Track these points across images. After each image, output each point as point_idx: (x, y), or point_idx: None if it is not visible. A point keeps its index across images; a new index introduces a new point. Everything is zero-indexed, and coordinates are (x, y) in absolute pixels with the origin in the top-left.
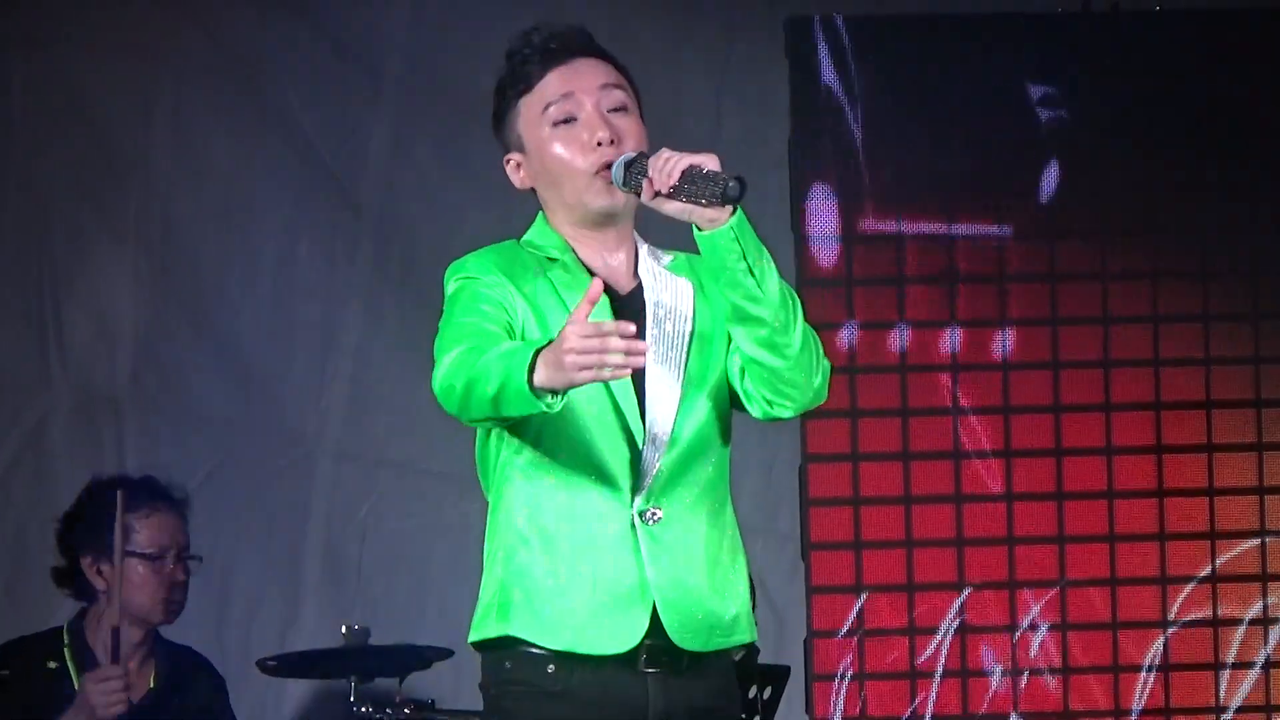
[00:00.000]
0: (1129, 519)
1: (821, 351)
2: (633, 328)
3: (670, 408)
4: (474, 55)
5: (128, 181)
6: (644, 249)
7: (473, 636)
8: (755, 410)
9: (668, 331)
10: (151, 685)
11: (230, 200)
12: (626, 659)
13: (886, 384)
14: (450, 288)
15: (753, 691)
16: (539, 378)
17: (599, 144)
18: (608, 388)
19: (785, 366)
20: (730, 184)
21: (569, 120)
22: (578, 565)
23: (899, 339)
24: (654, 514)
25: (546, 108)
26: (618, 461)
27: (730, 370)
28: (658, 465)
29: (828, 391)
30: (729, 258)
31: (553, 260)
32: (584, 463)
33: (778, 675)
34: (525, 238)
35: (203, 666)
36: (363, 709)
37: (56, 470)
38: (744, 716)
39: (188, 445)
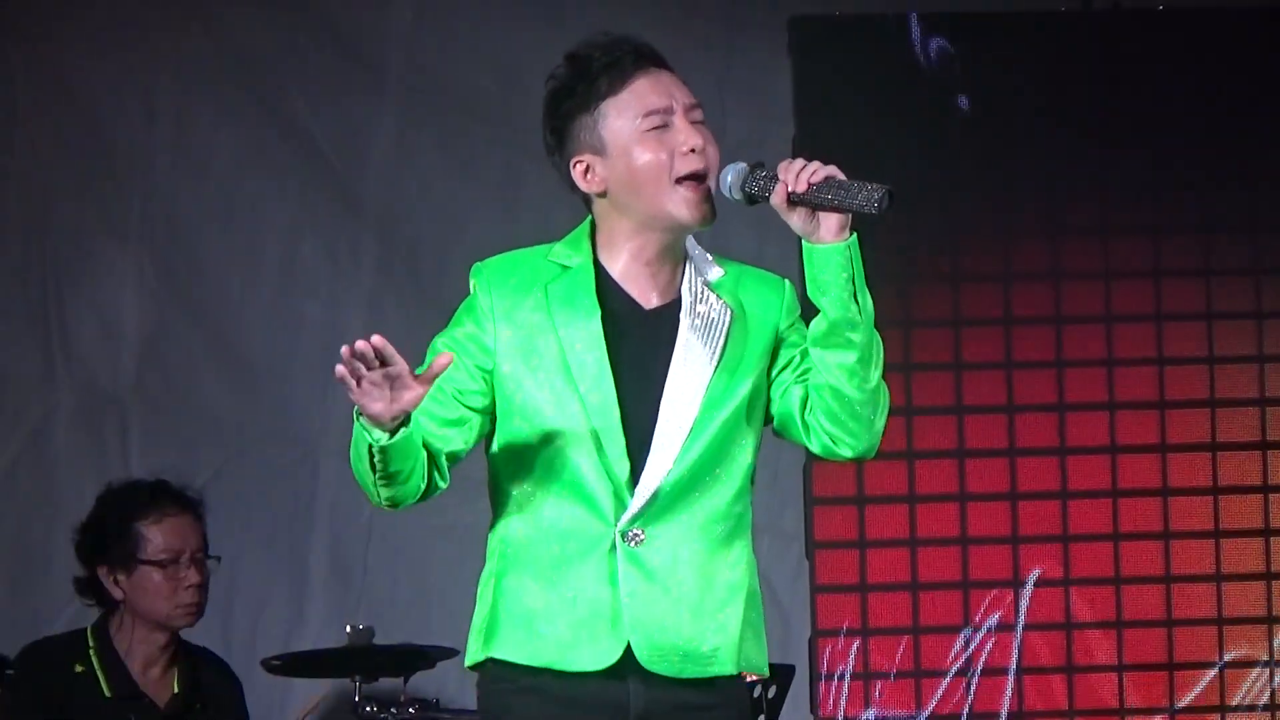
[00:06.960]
0: (1132, 518)
1: (888, 401)
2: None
3: (682, 429)
4: (477, 55)
5: (131, 181)
6: (693, 263)
7: (466, 661)
8: (814, 445)
9: (695, 354)
10: (176, 690)
11: (233, 199)
12: (605, 671)
13: (892, 383)
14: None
15: (757, 691)
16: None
17: (691, 150)
18: (586, 410)
19: (860, 400)
20: (883, 194)
21: (663, 127)
22: (559, 586)
23: (904, 338)
24: (635, 535)
25: (645, 113)
26: (610, 482)
27: (790, 401)
28: (655, 487)
29: (881, 440)
30: (840, 275)
31: (565, 268)
32: (573, 483)
33: (782, 675)
34: (558, 245)
35: (221, 667)
36: (367, 708)
37: (60, 470)
38: None
39: (192, 445)
